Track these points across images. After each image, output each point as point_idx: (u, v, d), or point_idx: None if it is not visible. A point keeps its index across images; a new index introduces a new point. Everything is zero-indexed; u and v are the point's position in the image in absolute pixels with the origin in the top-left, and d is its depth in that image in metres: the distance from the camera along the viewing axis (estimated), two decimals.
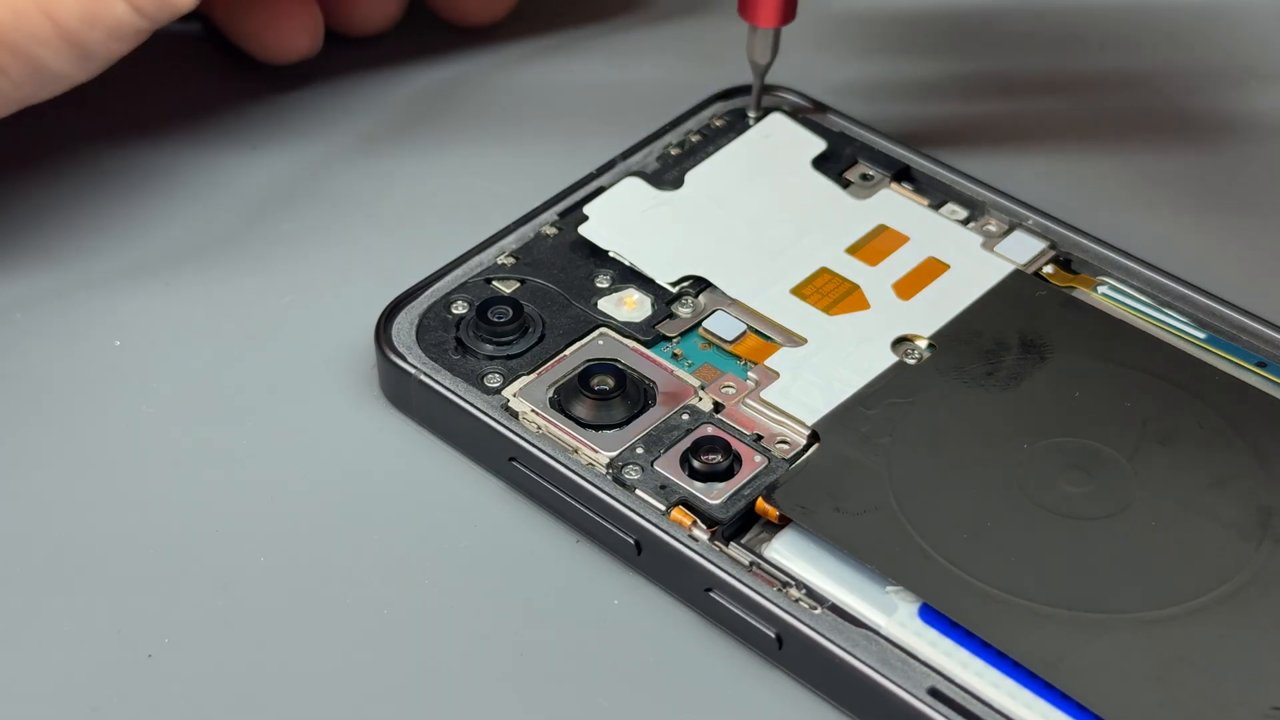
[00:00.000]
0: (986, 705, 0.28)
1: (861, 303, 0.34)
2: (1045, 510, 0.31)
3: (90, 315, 0.36)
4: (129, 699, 0.30)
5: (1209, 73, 0.42)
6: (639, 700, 0.30)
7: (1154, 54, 0.41)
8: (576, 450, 0.32)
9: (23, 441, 0.34)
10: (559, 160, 0.38)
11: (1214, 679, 0.28)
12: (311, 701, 0.30)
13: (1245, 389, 0.33)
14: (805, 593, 0.30)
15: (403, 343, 0.34)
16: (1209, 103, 0.39)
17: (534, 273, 0.35)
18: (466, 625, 0.31)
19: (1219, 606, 0.29)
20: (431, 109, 0.40)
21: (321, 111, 0.40)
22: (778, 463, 0.31)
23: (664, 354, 0.34)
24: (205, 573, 0.31)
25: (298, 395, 0.34)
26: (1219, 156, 0.39)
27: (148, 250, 0.37)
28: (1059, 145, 0.40)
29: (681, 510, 0.31)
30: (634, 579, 0.31)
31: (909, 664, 0.28)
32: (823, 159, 0.37)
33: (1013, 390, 0.33)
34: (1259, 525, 0.30)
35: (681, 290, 0.35)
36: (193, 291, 0.36)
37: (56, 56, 0.33)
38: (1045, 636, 0.28)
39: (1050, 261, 0.35)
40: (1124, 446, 0.31)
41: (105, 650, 0.30)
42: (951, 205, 0.37)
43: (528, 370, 0.33)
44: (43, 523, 0.32)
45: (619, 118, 0.40)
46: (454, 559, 0.32)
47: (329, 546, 0.32)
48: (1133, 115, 0.40)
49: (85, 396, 0.34)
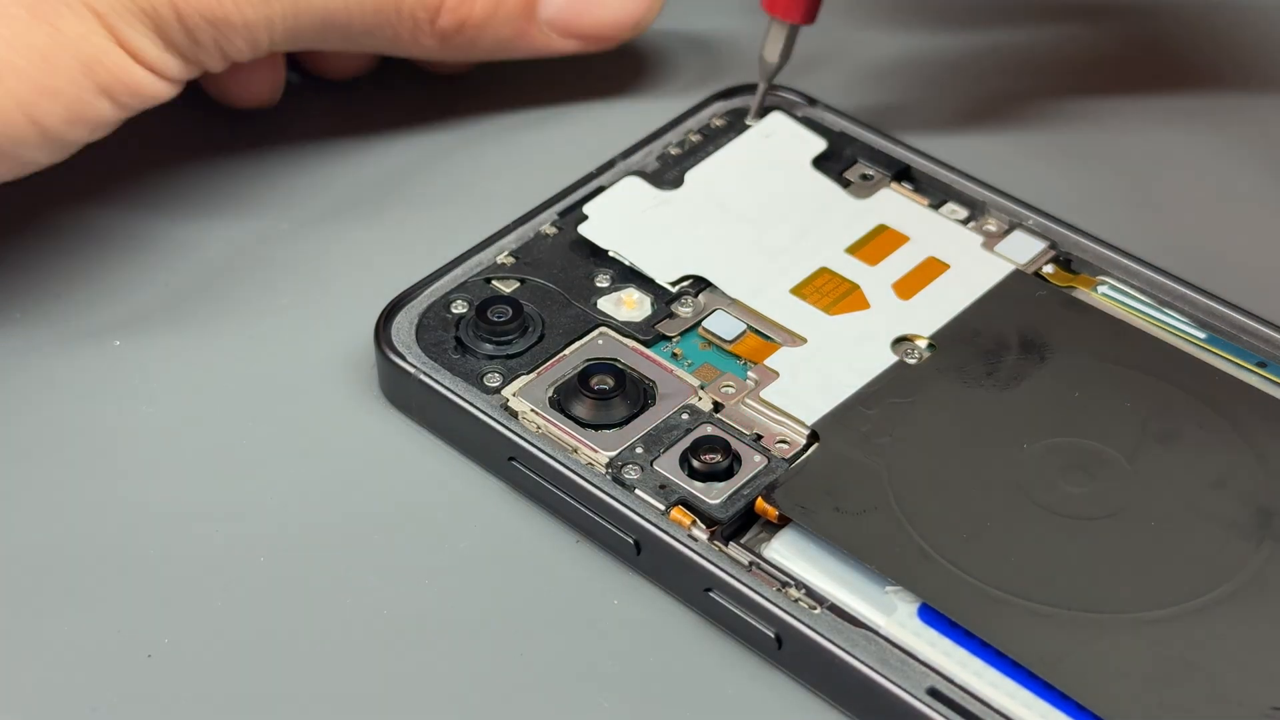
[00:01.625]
0: (986, 705, 0.28)
1: (861, 302, 0.34)
2: (1045, 510, 0.31)
3: (90, 315, 0.36)
4: (129, 699, 0.30)
5: (1209, 72, 0.41)
6: (639, 700, 0.30)
7: (1154, 54, 0.41)
8: (576, 450, 0.32)
9: (22, 441, 0.34)
10: (559, 160, 0.38)
11: (1214, 679, 0.28)
12: (311, 701, 0.30)
13: (1245, 389, 0.33)
14: (805, 593, 0.30)
15: (402, 342, 0.34)
16: (1209, 102, 0.39)
17: (534, 272, 0.35)
18: (466, 625, 0.31)
19: (1219, 606, 0.29)
20: (431, 108, 0.40)
21: (322, 111, 0.40)
22: (777, 462, 0.31)
23: (664, 354, 0.34)
24: (205, 573, 0.31)
25: (298, 395, 0.34)
26: (1219, 156, 0.39)
27: (148, 250, 0.37)
28: (1059, 145, 0.40)
29: (681, 510, 0.31)
30: (633, 579, 0.31)
31: (908, 664, 0.28)
32: (823, 159, 0.37)
33: (1013, 390, 0.33)
34: (1259, 525, 0.30)
35: (681, 290, 0.35)
36: (191, 290, 0.36)
37: (37, 151, 0.33)
38: (1045, 636, 0.28)
39: (1050, 261, 0.35)
40: (1124, 446, 0.31)
41: (105, 650, 0.30)
42: (951, 205, 0.37)
43: (527, 370, 0.33)
44: (42, 522, 0.32)
45: (619, 118, 0.40)
46: (454, 559, 0.32)
47: (329, 546, 0.32)
48: (1133, 115, 0.40)
49: (85, 396, 0.34)
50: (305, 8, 0.35)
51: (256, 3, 0.34)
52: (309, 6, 0.35)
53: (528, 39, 0.39)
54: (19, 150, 0.33)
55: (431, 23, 0.37)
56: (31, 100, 0.32)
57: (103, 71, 0.33)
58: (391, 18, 0.37)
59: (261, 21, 0.34)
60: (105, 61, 0.33)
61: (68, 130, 0.33)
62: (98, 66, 0.33)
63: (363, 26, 0.36)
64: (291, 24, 0.35)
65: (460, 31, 0.37)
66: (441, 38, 0.37)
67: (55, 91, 0.32)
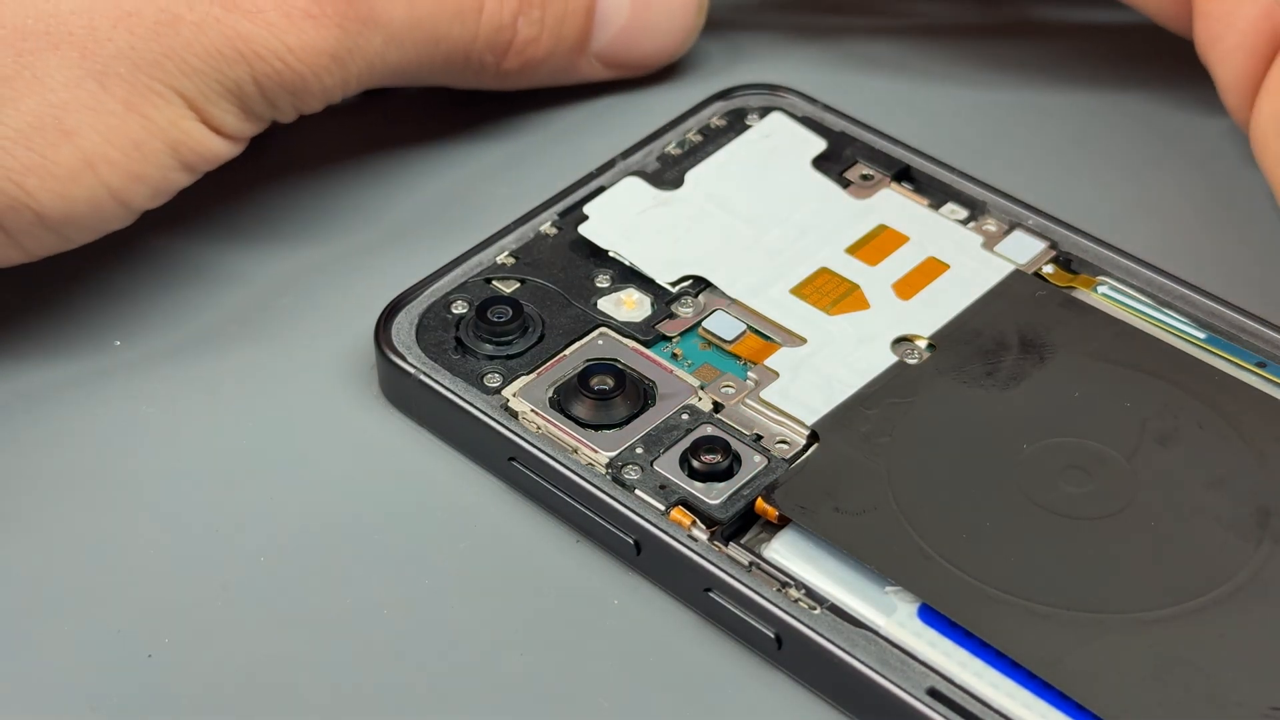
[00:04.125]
0: (986, 705, 0.28)
1: (861, 303, 0.34)
2: (1045, 510, 0.31)
3: (90, 314, 0.36)
4: (129, 699, 0.30)
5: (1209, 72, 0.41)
6: (638, 700, 0.30)
7: (1154, 53, 0.41)
8: (576, 450, 0.32)
9: (23, 441, 0.34)
10: (559, 160, 0.38)
11: (1214, 679, 0.28)
12: (311, 702, 0.30)
13: (1245, 389, 0.33)
14: (805, 593, 0.30)
15: (402, 342, 0.34)
16: (1209, 102, 0.39)
17: (534, 272, 0.35)
18: (466, 625, 0.31)
19: (1219, 606, 0.29)
20: (431, 109, 0.40)
21: (322, 111, 0.40)
22: (777, 463, 0.31)
23: (664, 354, 0.34)
24: (205, 573, 0.31)
25: (297, 395, 0.34)
26: (1219, 155, 0.39)
27: (147, 252, 0.37)
28: (1059, 145, 0.40)
29: (681, 510, 0.31)
30: (633, 579, 0.31)
31: (908, 664, 0.28)
32: (823, 159, 0.37)
33: (1013, 390, 0.33)
34: (1259, 525, 0.30)
35: (681, 290, 0.35)
36: (192, 290, 0.36)
37: (118, 224, 0.34)
38: (1044, 636, 0.28)
39: (1050, 261, 0.35)
40: (1124, 446, 0.31)
41: (105, 650, 0.30)
42: (951, 205, 0.37)
43: (527, 370, 0.33)
44: (42, 522, 0.32)
45: (619, 118, 0.40)
46: (454, 559, 0.32)
47: (329, 546, 0.32)
48: (1133, 115, 0.40)
49: (84, 396, 0.34)
50: (380, 64, 0.35)
51: (333, 69, 0.34)
52: (383, 63, 0.35)
53: (576, 70, 0.39)
54: (105, 225, 0.34)
55: (499, 64, 0.38)
56: (123, 187, 0.33)
57: (186, 150, 0.34)
58: (460, 63, 0.37)
59: (339, 84, 0.35)
60: (189, 141, 0.34)
61: (149, 203, 0.34)
62: (182, 146, 0.34)
63: (430, 73, 0.37)
64: (365, 80, 0.36)
65: (523, 71, 0.38)
66: (503, 76, 0.38)
67: (145, 176, 0.33)
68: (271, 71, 0.34)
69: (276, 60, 0.34)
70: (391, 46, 0.35)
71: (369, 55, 0.35)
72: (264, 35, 0.33)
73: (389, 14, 0.35)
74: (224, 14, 0.33)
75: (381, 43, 0.35)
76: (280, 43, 0.34)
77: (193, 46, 0.33)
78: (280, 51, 0.34)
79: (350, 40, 0.34)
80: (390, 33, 0.35)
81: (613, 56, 0.40)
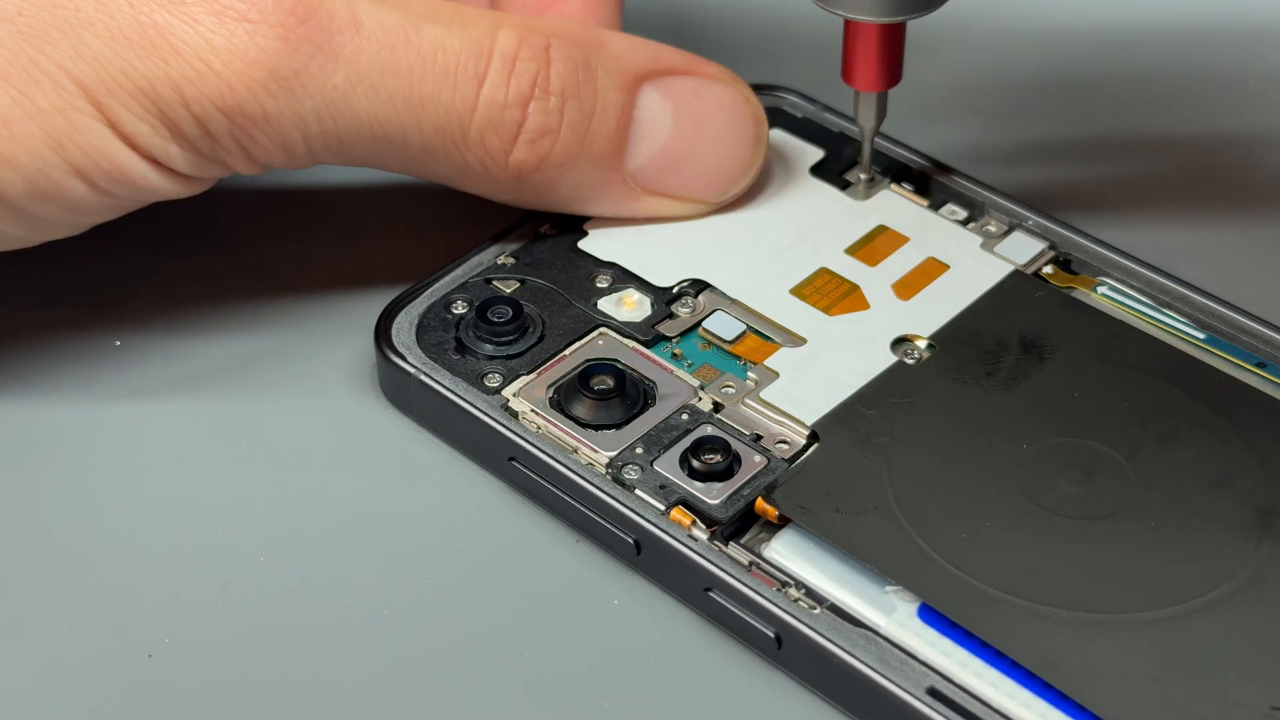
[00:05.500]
0: (985, 705, 0.28)
1: (861, 303, 0.34)
2: (1045, 510, 0.30)
3: (90, 313, 0.36)
4: (129, 699, 0.30)
5: (1210, 72, 0.41)
6: (638, 700, 0.30)
7: (1154, 54, 0.41)
8: (576, 450, 0.32)
9: (22, 441, 0.34)
10: None
11: (1214, 679, 0.28)
12: (311, 702, 0.30)
13: (1245, 389, 0.33)
14: (804, 593, 0.30)
15: (402, 342, 0.34)
16: (1210, 101, 0.39)
17: (534, 273, 0.35)
18: (466, 625, 0.31)
19: (1219, 606, 0.29)
20: None
21: None
22: (777, 463, 0.31)
23: (664, 354, 0.34)
24: (205, 573, 0.31)
25: (298, 395, 0.34)
26: (1220, 155, 0.39)
27: (147, 253, 0.37)
28: (1060, 145, 0.40)
29: (681, 510, 0.31)
30: (633, 579, 0.31)
31: (908, 664, 0.28)
32: (821, 164, 0.37)
33: (1012, 390, 0.33)
34: (1259, 525, 0.30)
35: (681, 290, 0.35)
36: (192, 290, 0.36)
37: (3, 221, 0.31)
38: (1044, 636, 0.28)
39: (1050, 261, 0.35)
40: (1124, 447, 0.31)
41: (105, 650, 0.30)
42: (951, 205, 0.37)
43: (527, 370, 0.33)
44: (42, 522, 0.32)
45: None
46: (454, 559, 0.32)
47: (329, 546, 0.32)
48: (1133, 115, 0.40)
49: (85, 396, 0.34)
50: (346, 113, 0.31)
51: (278, 94, 0.30)
52: (350, 112, 0.31)
53: (610, 190, 0.35)
54: None
55: (505, 154, 0.33)
56: None
57: (76, 150, 0.30)
58: (457, 140, 0.33)
59: (290, 118, 0.31)
60: (80, 140, 0.30)
61: (32, 204, 0.31)
62: (69, 143, 0.30)
63: (421, 147, 0.33)
64: (330, 129, 0.32)
65: (538, 170, 0.34)
66: (517, 174, 0.34)
67: (15, 163, 0.30)
68: (193, 74, 0.30)
69: (197, 60, 0.30)
70: (360, 91, 0.31)
71: (326, 91, 0.31)
72: (183, 28, 0.30)
73: (353, 48, 0.31)
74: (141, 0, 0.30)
75: (344, 81, 0.31)
76: (203, 40, 0.30)
77: (94, 25, 0.29)
78: (202, 50, 0.30)
79: (298, 61, 0.30)
80: (355, 72, 0.31)
81: (653, 180, 0.35)
